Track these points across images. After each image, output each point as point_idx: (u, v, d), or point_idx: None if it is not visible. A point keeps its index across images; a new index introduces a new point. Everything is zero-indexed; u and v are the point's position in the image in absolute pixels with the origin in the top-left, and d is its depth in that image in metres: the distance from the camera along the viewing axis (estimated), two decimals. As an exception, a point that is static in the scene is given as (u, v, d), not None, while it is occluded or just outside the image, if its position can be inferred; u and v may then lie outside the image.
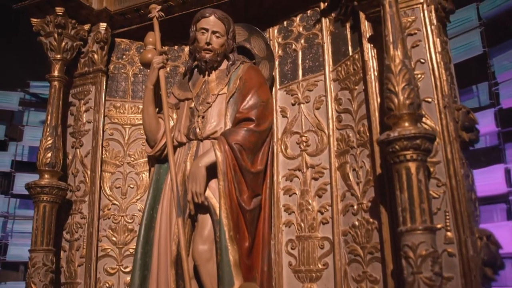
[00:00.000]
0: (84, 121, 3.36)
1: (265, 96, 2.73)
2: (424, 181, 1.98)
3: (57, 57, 3.22)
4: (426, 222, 1.92)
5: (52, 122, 3.12)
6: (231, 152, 2.51)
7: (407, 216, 1.95)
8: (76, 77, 3.45)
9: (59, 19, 3.19)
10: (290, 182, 2.91)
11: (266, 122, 2.67)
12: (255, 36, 3.07)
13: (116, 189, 3.27)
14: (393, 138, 2.00)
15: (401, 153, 1.99)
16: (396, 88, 2.07)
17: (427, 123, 2.28)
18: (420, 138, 1.97)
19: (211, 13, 2.83)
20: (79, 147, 3.33)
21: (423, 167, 1.99)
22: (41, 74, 3.81)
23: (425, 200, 1.95)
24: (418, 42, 2.40)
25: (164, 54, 2.99)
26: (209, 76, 2.89)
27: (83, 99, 3.41)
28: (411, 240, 1.92)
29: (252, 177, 2.54)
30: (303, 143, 2.90)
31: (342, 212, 2.63)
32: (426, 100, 2.31)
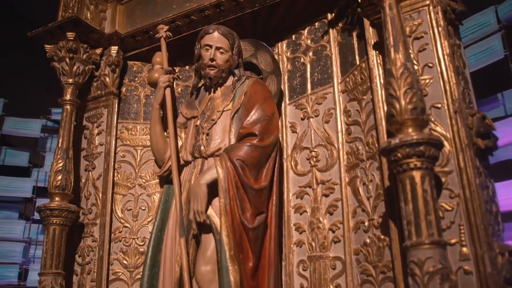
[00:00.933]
0: (97, 143, 3.36)
1: (269, 110, 2.63)
2: (431, 191, 1.81)
3: (69, 81, 3.27)
4: (433, 236, 1.75)
5: (63, 145, 3.14)
6: (233, 169, 2.42)
7: (412, 229, 1.79)
8: (90, 101, 3.48)
9: (70, 44, 3.25)
10: (301, 200, 2.79)
11: (271, 136, 2.57)
12: (261, 51, 3.01)
13: (128, 212, 3.23)
14: (394, 145, 1.85)
15: (404, 162, 1.85)
16: (398, 92, 1.94)
17: (436, 130, 2.12)
18: (423, 144, 1.82)
19: (214, 29, 2.80)
20: (91, 170, 3.32)
21: (429, 176, 1.83)
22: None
23: (432, 211, 1.78)
24: (425, 46, 2.26)
25: (171, 73, 2.96)
26: (215, 93, 2.83)
27: (96, 122, 3.42)
28: (417, 256, 1.75)
29: (255, 194, 2.43)
30: (313, 159, 2.78)
31: (354, 230, 2.47)
32: (436, 106, 2.16)
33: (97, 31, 3.34)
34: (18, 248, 7.09)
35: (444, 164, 2.08)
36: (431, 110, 2.17)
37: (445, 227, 2.01)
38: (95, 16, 3.47)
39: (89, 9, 3.44)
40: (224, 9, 3.04)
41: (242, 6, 2.99)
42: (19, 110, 4.49)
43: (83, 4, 3.40)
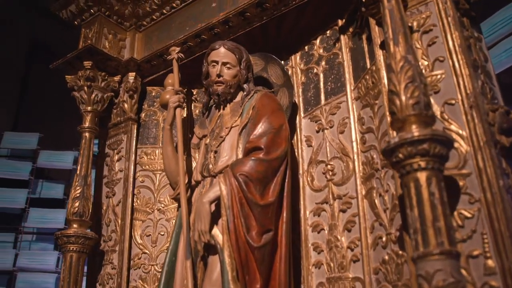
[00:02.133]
0: (117, 170, 3.35)
1: (277, 122, 2.49)
2: (439, 194, 1.59)
3: (88, 108, 3.30)
4: (443, 245, 1.52)
5: (82, 171, 3.14)
6: (236, 185, 2.28)
7: (419, 238, 1.56)
8: (110, 128, 3.50)
9: (87, 72, 3.29)
10: (318, 217, 2.59)
11: (278, 150, 2.42)
12: (271, 64, 2.90)
13: (147, 237, 3.16)
14: (394, 144, 1.66)
15: (406, 162, 1.64)
16: (398, 87, 1.75)
17: (451, 129, 1.90)
18: (427, 141, 1.61)
19: (220, 44, 2.73)
20: (111, 196, 3.30)
21: (437, 177, 1.61)
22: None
23: (441, 217, 1.56)
24: (435, 39, 2.07)
25: (181, 93, 2.91)
26: (224, 110, 2.74)
27: (116, 149, 3.42)
28: (425, 269, 1.52)
29: (260, 211, 2.27)
30: (328, 172, 2.59)
31: (372, 247, 2.25)
32: (449, 102, 1.95)
33: (114, 59, 3.37)
34: (51, 279, 7.17)
35: (461, 166, 1.84)
36: (444, 107, 1.96)
37: (466, 237, 1.76)
38: (113, 45, 3.52)
39: (107, 38, 3.50)
40: (233, 25, 2.98)
41: (250, 20, 2.92)
42: (53, 143, 4.65)
43: (101, 34, 3.47)
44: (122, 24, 3.61)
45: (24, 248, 6.61)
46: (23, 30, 4.99)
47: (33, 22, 4.74)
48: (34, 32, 5.21)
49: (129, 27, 3.62)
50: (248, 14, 2.88)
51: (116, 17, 3.57)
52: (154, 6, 3.46)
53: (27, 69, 5.57)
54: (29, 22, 4.52)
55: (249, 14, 2.88)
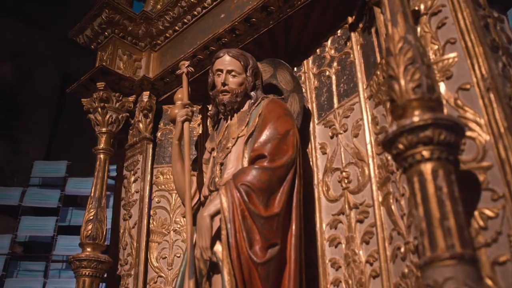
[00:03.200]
0: (133, 191, 3.26)
1: (283, 128, 2.31)
2: (448, 189, 1.35)
3: (102, 130, 3.25)
4: (454, 248, 1.27)
5: (95, 194, 3.07)
6: (238, 196, 2.10)
7: (426, 241, 1.32)
8: (127, 149, 3.44)
9: (101, 93, 3.26)
10: (335, 230, 2.36)
11: (284, 157, 2.22)
12: (279, 69, 2.74)
13: (163, 260, 3.01)
14: (392, 134, 1.44)
15: (408, 154, 1.41)
16: (396, 70, 1.54)
17: (467, 117, 1.66)
18: (430, 127, 1.38)
19: (224, 52, 2.61)
20: (128, 218, 3.20)
21: (445, 169, 1.37)
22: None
23: (450, 215, 1.31)
24: (445, 20, 1.85)
25: (189, 107, 2.79)
26: (231, 120, 2.59)
27: (132, 170, 3.34)
28: (433, 277, 1.27)
29: (263, 223, 2.07)
30: (344, 180, 2.36)
31: (392, 259, 1.98)
32: (464, 87, 1.71)
33: (127, 78, 3.33)
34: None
35: (481, 158, 1.58)
36: (459, 93, 1.71)
37: (490, 240, 1.49)
38: (128, 65, 3.49)
39: (122, 59, 3.48)
40: (240, 33, 2.86)
41: (256, 26, 2.79)
42: (81, 170, 4.69)
43: (115, 55, 3.45)
44: (137, 45, 3.59)
45: (53, 276, 6.65)
46: (55, 62, 5.14)
47: (65, 54, 4.89)
48: (66, 64, 5.38)
49: (144, 47, 3.60)
50: (253, 20, 2.76)
51: (131, 38, 3.56)
52: (166, 24, 3.41)
53: (60, 100, 5.71)
54: (61, 54, 4.65)
55: (254, 20, 2.76)
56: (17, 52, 5.10)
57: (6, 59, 5.15)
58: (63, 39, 3.99)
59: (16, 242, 5.87)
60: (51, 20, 3.74)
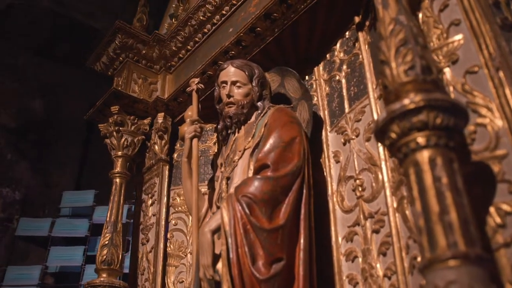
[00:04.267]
0: (150, 214, 3.18)
1: (287, 135, 2.17)
2: (449, 179, 1.17)
3: (118, 153, 3.22)
4: (456, 246, 1.08)
5: (111, 218, 3.02)
6: (240, 209, 1.97)
7: (424, 241, 1.13)
8: (145, 173, 3.39)
9: (115, 117, 3.24)
10: (351, 243, 2.16)
11: (288, 165, 2.07)
12: (287, 77, 2.62)
13: (180, 284, 2.90)
14: (383, 121, 1.27)
15: (401, 142, 1.25)
16: (387, 54, 1.39)
17: (476, 102, 1.47)
18: (423, 110, 1.21)
19: (228, 63, 2.52)
20: (146, 243, 3.11)
21: (444, 157, 1.20)
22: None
23: (452, 208, 1.12)
24: (447, 1, 1.69)
25: (198, 123, 2.70)
26: (239, 133, 2.48)
27: (150, 193, 3.27)
28: (433, 281, 1.08)
29: (266, 236, 1.91)
30: (358, 188, 2.18)
31: (410, 271, 1.77)
32: (471, 71, 1.53)
33: (140, 101, 3.31)
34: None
35: (494, 146, 1.39)
36: (466, 78, 1.53)
37: (510, 240, 1.28)
38: (143, 88, 3.47)
39: (137, 83, 3.47)
40: (246, 44, 2.78)
41: (262, 36, 2.70)
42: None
43: (130, 79, 3.45)
44: (152, 68, 3.58)
45: (82, 305, 6.63)
46: (83, 96, 5.26)
47: (93, 87, 5.00)
48: (93, 97, 5.50)
49: (159, 70, 3.58)
50: (258, 29, 2.67)
51: (145, 61, 3.55)
52: (178, 44, 3.39)
53: (88, 132, 5.82)
54: (89, 87, 4.75)
55: (259, 29, 2.67)
56: (48, 89, 5.28)
57: (37, 96, 5.34)
58: (91, 72, 4.04)
59: (47, 273, 5.92)
60: (80, 56, 3.85)
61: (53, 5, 5.42)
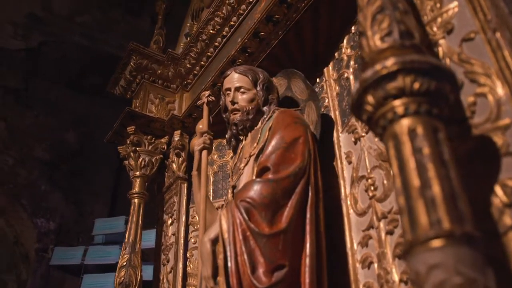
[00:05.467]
0: (170, 234, 3.11)
1: (290, 136, 2.04)
2: (431, 149, 1.01)
3: (136, 174, 3.19)
4: (440, 224, 0.91)
5: (129, 238, 2.96)
6: (239, 215, 1.84)
7: (405, 221, 0.97)
8: (165, 192, 3.33)
9: (132, 137, 3.23)
10: (366, 248, 1.98)
11: (290, 167, 1.94)
12: (293, 79, 2.51)
13: (200, 305, 2.75)
14: (357, 94, 1.13)
15: (378, 114, 1.10)
16: (364, 24, 1.26)
17: (475, 71, 1.30)
18: (398, 74, 1.06)
19: (231, 70, 2.45)
20: (166, 263, 3.03)
21: (425, 125, 1.04)
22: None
23: (435, 182, 0.96)
24: (439, -32, 1.53)
25: (207, 135, 2.62)
26: (246, 140, 2.38)
27: (170, 212, 3.21)
28: (415, 267, 0.91)
29: (266, 242, 1.76)
30: (370, 188, 2.01)
31: (425, 273, 1.57)
32: (468, 38, 1.37)
33: (156, 120, 3.29)
34: None
35: (495, 116, 1.21)
36: (462, 46, 1.37)
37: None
38: (160, 108, 3.46)
39: (154, 103, 3.47)
40: (252, 51, 2.70)
41: (267, 40, 2.62)
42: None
43: (146, 100, 3.45)
44: (169, 87, 3.57)
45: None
46: (114, 123, 5.36)
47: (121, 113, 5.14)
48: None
49: (176, 89, 3.57)
50: (262, 33, 2.60)
51: (161, 81, 3.55)
52: (192, 61, 3.36)
53: (119, 159, 5.91)
54: (119, 114, 4.86)
55: (263, 34, 2.60)
56: (80, 120, 5.44)
57: (70, 127, 5.51)
58: (119, 100, 4.09)
59: (80, 301, 5.99)
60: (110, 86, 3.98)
61: (82, 39, 5.65)
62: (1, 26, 5.29)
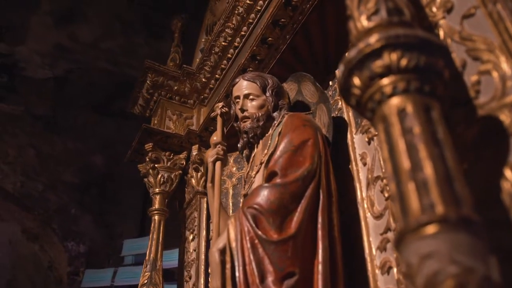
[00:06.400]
0: (191, 250, 3.05)
1: (298, 139, 1.96)
2: (423, 128, 0.91)
3: (156, 190, 3.17)
4: (433, 208, 0.81)
5: (150, 256, 2.92)
6: (246, 222, 1.77)
7: (397, 209, 0.88)
8: (186, 209, 3.29)
9: (150, 155, 3.22)
10: (385, 253, 1.86)
11: (298, 169, 1.85)
12: (303, 83, 2.43)
13: (223, 322, 2.66)
14: (342, 77, 1.06)
15: (366, 97, 1.02)
16: (351, 6, 1.18)
17: (477, 48, 1.20)
18: (383, 51, 0.98)
19: (240, 78, 2.40)
20: (188, 280, 2.97)
21: (417, 104, 0.95)
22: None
23: (427, 162, 0.87)
24: None
25: (220, 146, 2.56)
26: (257, 148, 2.31)
27: (191, 229, 3.16)
28: (408, 257, 0.81)
29: (274, 249, 1.67)
30: (386, 188, 1.90)
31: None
32: (468, 14, 1.27)
33: (173, 135, 3.27)
34: None
35: (501, 94, 1.10)
36: (463, 24, 1.27)
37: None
38: (178, 124, 3.45)
39: (172, 119, 3.46)
40: (261, 58, 2.66)
41: (275, 45, 2.57)
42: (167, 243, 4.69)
43: (164, 116, 3.45)
44: (186, 103, 3.56)
45: None
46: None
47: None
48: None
49: (193, 104, 3.56)
50: (270, 39, 2.55)
51: (178, 97, 3.55)
52: (207, 75, 3.35)
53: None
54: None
55: (271, 39, 2.55)
56: (107, 144, 5.53)
57: (97, 151, 5.60)
58: (144, 121, 4.11)
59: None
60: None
61: (108, 65, 5.77)
62: (30, 57, 5.50)
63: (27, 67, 5.43)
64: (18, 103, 5.27)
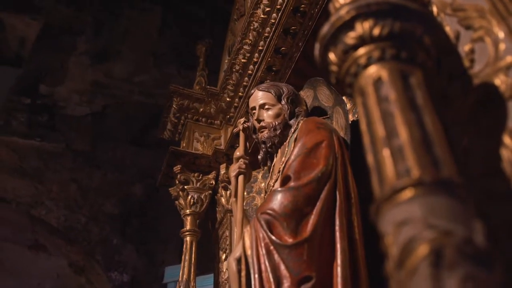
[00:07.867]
0: (224, 270, 3.01)
1: (311, 141, 1.91)
2: (398, 95, 0.86)
3: (186, 212, 3.17)
4: (409, 173, 0.75)
5: (183, 277, 2.90)
6: (260, 228, 1.72)
7: (374, 179, 0.82)
8: (218, 228, 3.27)
9: (179, 177, 3.24)
10: (411, 253, 1.74)
11: (312, 172, 1.79)
12: (318, 88, 2.38)
13: None
14: (319, 55, 1.02)
15: (343, 71, 0.98)
16: (330, -11, 1.15)
17: (469, 16, 1.14)
18: (355, 21, 0.94)
19: (255, 89, 2.40)
20: (223, 301, 2.92)
21: (393, 71, 0.90)
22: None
23: (402, 128, 0.81)
24: None
25: (242, 159, 2.54)
26: (276, 157, 2.28)
27: (223, 248, 3.12)
28: (384, 225, 0.75)
29: (288, 253, 1.61)
30: (406, 185, 1.80)
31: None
32: (459, -15, 1.20)
33: (201, 156, 3.29)
34: None
35: (495, 58, 1.03)
36: (455, -4, 1.20)
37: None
38: (206, 145, 3.47)
39: (199, 141, 3.48)
40: (277, 68, 2.65)
41: (289, 54, 2.56)
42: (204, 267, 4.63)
43: (192, 139, 3.48)
44: (213, 124, 3.58)
45: None
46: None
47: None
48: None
49: (220, 124, 3.58)
50: (283, 48, 2.54)
51: (205, 119, 3.58)
52: (231, 93, 3.36)
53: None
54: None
55: (284, 48, 2.54)
56: (145, 173, 5.65)
57: (136, 181, 5.73)
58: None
59: None
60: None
61: (142, 98, 5.96)
62: (68, 96, 5.77)
63: (66, 105, 5.70)
64: (59, 141, 5.51)
